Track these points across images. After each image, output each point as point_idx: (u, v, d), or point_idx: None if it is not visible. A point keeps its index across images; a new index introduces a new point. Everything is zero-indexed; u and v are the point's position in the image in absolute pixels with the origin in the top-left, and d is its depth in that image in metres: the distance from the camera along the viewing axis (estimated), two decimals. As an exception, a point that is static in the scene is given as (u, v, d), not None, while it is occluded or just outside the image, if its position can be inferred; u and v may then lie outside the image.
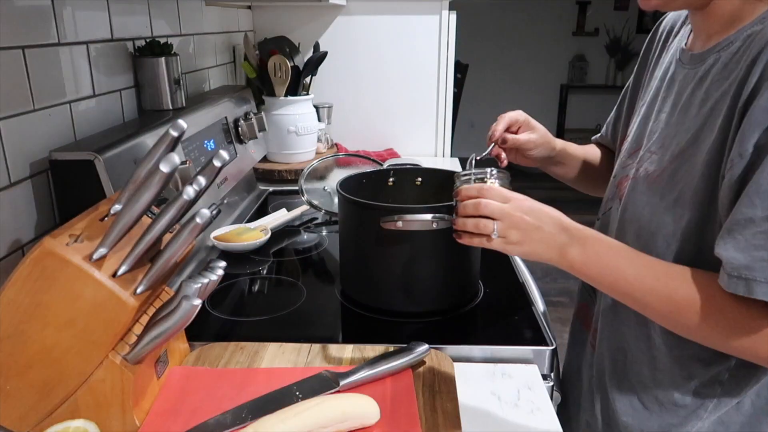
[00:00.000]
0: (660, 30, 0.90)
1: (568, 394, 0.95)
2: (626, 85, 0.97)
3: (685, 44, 0.79)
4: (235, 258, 1.19)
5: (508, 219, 0.68)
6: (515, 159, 1.00)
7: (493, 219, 0.69)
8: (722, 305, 0.63)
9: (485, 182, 0.73)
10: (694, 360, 0.73)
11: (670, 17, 0.90)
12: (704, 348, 0.68)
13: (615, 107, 1.01)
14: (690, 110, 0.72)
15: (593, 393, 0.86)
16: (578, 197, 1.36)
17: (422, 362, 0.81)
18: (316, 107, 1.87)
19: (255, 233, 1.23)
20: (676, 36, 0.85)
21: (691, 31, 0.80)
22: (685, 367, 0.74)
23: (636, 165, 0.80)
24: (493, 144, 0.95)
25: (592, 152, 1.06)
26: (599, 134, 1.06)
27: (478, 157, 0.83)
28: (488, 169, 0.75)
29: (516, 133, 0.97)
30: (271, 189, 1.70)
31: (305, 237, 1.34)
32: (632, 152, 0.83)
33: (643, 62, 0.93)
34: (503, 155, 0.96)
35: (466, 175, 0.75)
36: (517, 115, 0.96)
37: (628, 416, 0.79)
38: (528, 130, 0.97)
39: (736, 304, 0.62)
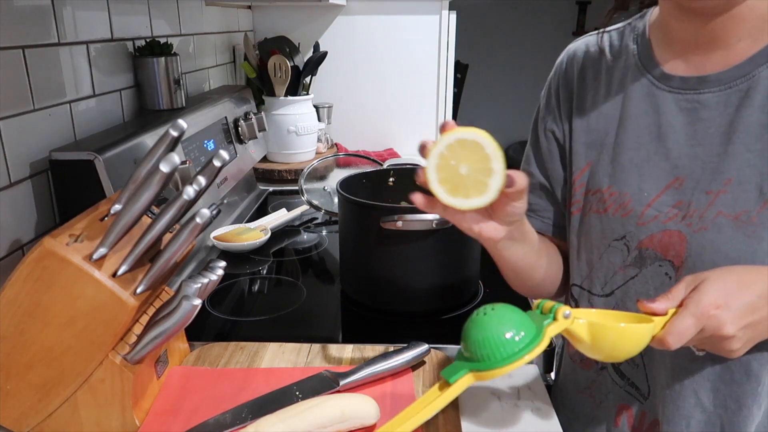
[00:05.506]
0: (571, 66, 0.82)
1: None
2: (539, 137, 0.84)
3: (663, 70, 0.71)
4: (235, 258, 1.19)
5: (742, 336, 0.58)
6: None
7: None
8: None
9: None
10: None
11: (578, 50, 0.82)
12: None
13: (555, 160, 0.83)
14: (765, 132, 0.64)
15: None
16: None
17: (422, 362, 0.81)
18: (316, 107, 1.87)
19: (255, 233, 1.23)
20: (610, 70, 0.77)
21: (649, 56, 0.73)
22: None
23: (694, 212, 0.67)
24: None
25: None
26: (542, 221, 0.85)
27: None
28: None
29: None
30: (271, 189, 1.70)
31: (305, 237, 1.34)
32: (650, 203, 0.71)
33: (565, 103, 0.82)
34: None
35: None
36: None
37: None
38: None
39: None
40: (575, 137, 0.79)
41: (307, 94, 1.82)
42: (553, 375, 0.92)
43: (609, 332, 0.57)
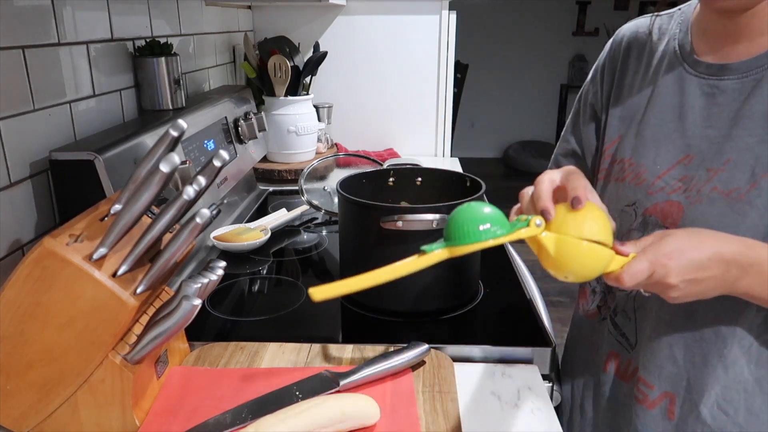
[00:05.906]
0: (619, 45, 0.88)
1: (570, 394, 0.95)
2: (580, 108, 0.92)
3: (695, 56, 0.77)
4: (235, 258, 1.19)
5: (686, 288, 0.64)
6: None
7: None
8: None
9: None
10: None
11: (628, 30, 0.88)
12: None
13: (590, 131, 0.92)
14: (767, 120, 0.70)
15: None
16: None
17: (422, 362, 0.81)
18: (316, 107, 1.87)
19: (255, 233, 1.23)
20: (652, 51, 0.83)
21: (688, 41, 0.78)
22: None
23: (693, 186, 0.74)
24: None
25: None
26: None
27: None
28: None
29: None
30: (271, 189, 1.70)
31: (305, 237, 1.34)
32: (660, 175, 0.78)
33: (608, 78, 0.89)
34: None
35: None
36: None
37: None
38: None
39: None
40: (611, 112, 0.87)
41: (307, 94, 1.82)
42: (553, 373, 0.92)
43: (571, 247, 0.61)
